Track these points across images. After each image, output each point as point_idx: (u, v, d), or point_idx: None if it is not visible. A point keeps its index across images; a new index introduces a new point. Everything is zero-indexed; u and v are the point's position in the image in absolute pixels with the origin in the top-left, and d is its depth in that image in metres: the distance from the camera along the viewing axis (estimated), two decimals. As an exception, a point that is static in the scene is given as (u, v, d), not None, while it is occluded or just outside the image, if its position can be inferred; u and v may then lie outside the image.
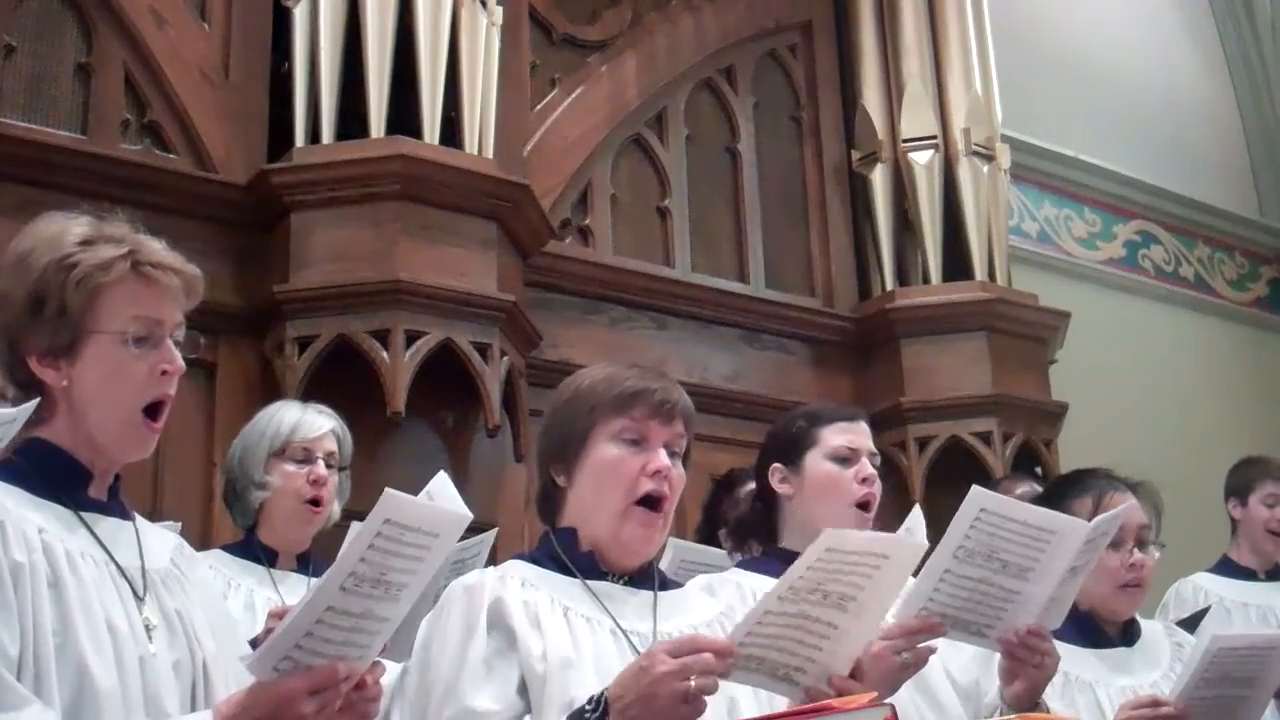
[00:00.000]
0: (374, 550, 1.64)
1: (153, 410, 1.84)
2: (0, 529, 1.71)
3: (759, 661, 1.94)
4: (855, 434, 2.71)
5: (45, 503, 1.80)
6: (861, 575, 1.92)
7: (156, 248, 1.87)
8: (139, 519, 1.94)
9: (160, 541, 1.95)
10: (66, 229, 1.84)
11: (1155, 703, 2.46)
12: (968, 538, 2.22)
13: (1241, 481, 4.63)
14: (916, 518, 2.96)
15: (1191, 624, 3.66)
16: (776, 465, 2.72)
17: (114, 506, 1.89)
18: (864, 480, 2.66)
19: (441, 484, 2.50)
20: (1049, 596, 2.30)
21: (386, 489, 1.67)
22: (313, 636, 1.65)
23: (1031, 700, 2.34)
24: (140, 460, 1.92)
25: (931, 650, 2.28)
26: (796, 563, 1.90)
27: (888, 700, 1.87)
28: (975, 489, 2.26)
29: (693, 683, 1.79)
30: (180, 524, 3.02)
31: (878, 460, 2.74)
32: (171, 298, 1.86)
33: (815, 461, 2.68)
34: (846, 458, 2.67)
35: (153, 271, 1.84)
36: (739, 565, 2.82)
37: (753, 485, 3.76)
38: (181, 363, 1.86)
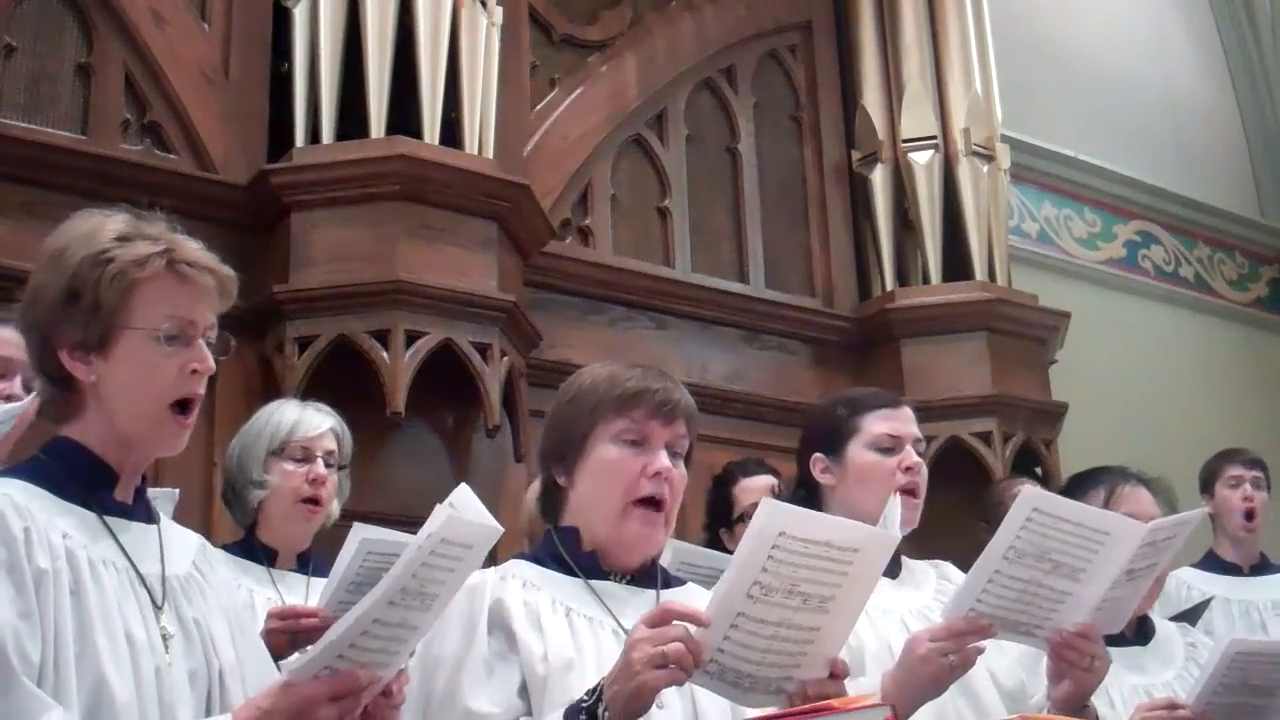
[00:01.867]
0: (425, 566, 1.66)
1: (182, 406, 1.84)
2: (25, 535, 1.70)
3: (752, 680, 1.92)
4: (898, 421, 2.62)
5: (71, 506, 1.79)
6: (836, 573, 1.88)
7: (193, 247, 1.85)
8: (164, 520, 1.93)
9: (183, 544, 1.94)
10: (103, 225, 1.82)
11: (1172, 705, 2.42)
12: (1019, 538, 2.15)
13: (1206, 475, 4.65)
14: (893, 506, 2.92)
15: (1189, 616, 3.66)
16: (818, 455, 2.64)
17: (139, 510, 1.88)
18: (908, 469, 2.59)
19: (464, 495, 2.49)
20: (1101, 598, 2.25)
21: (438, 508, 1.69)
22: (354, 647, 1.66)
23: (1080, 702, 2.28)
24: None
25: (980, 651, 2.22)
26: (748, 549, 1.84)
27: (888, 703, 1.85)
28: (1027, 488, 2.20)
29: (666, 648, 1.79)
30: (178, 490, 3.02)
31: (923, 446, 2.65)
32: (205, 298, 1.85)
33: (857, 451, 2.60)
34: (890, 446, 2.59)
35: (188, 270, 1.82)
36: None
37: (751, 479, 3.79)
38: (212, 363, 1.85)
